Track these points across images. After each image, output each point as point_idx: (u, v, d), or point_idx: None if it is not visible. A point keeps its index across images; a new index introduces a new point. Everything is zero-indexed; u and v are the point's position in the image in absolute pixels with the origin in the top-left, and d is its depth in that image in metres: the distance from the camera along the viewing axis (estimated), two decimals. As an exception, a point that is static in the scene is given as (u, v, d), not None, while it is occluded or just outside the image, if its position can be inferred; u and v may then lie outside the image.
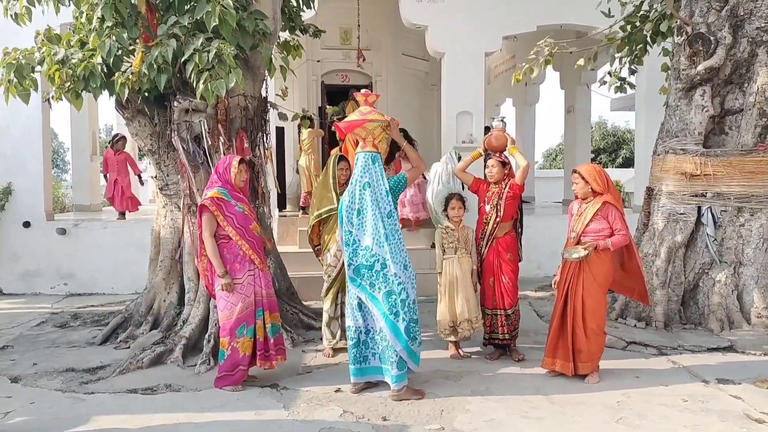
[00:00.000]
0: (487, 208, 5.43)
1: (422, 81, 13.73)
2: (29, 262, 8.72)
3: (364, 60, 10.13)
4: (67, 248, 8.74)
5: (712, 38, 6.42)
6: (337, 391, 4.70)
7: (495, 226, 5.38)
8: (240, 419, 4.21)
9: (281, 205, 10.70)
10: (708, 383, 4.92)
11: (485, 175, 5.63)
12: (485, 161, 5.73)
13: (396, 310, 4.44)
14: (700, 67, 6.43)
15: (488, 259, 5.45)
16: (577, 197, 5.09)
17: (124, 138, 10.20)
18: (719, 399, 4.57)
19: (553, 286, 5.17)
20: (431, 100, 13.13)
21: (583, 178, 4.95)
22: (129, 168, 10.32)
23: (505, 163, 5.48)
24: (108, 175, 10.26)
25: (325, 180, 5.62)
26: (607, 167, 30.87)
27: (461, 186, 7.82)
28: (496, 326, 5.45)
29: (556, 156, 33.91)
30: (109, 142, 10.81)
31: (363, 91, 4.73)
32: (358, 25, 10.16)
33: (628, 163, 28.50)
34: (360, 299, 4.55)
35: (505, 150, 5.52)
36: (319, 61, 12.23)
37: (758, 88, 6.32)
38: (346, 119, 4.75)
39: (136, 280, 8.00)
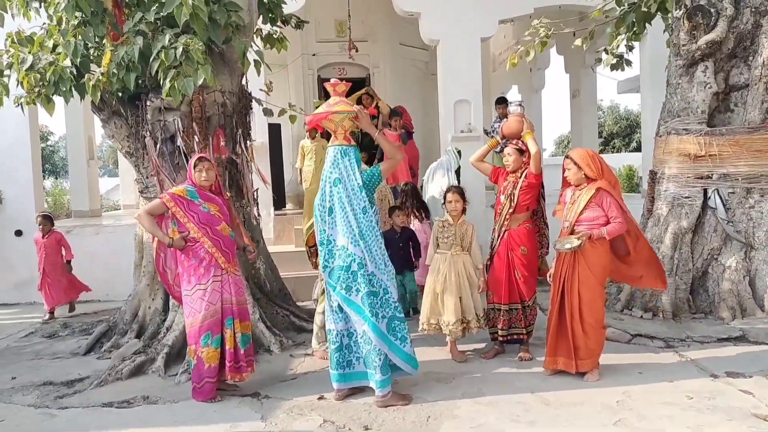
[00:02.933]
0: (502, 198, 5.16)
1: (422, 71, 13.44)
2: (23, 271, 8.58)
3: (357, 51, 9.86)
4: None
5: (712, 10, 6.05)
6: (320, 398, 4.46)
7: (508, 216, 5.10)
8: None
9: (281, 204, 10.51)
10: (716, 378, 4.62)
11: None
12: (503, 149, 5.38)
13: (376, 311, 4.20)
14: (701, 42, 6.07)
15: (499, 252, 5.15)
16: (570, 184, 4.79)
17: (48, 217, 7.99)
18: (727, 395, 4.26)
19: (548, 279, 4.90)
20: (432, 89, 12.78)
21: (575, 163, 4.66)
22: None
23: (522, 151, 5.14)
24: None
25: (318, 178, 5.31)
26: (620, 152, 30.36)
27: (457, 181, 7.56)
28: (515, 320, 5.16)
29: (569, 142, 33.38)
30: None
31: (332, 80, 4.46)
32: (349, 16, 9.88)
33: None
34: (339, 301, 4.31)
35: (521, 136, 5.16)
36: (314, 54, 11.99)
37: (764, 61, 5.94)
38: (314, 112, 4.49)
39: (131, 286, 7.82)
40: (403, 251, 6.46)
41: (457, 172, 7.67)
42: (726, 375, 4.65)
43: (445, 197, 5.26)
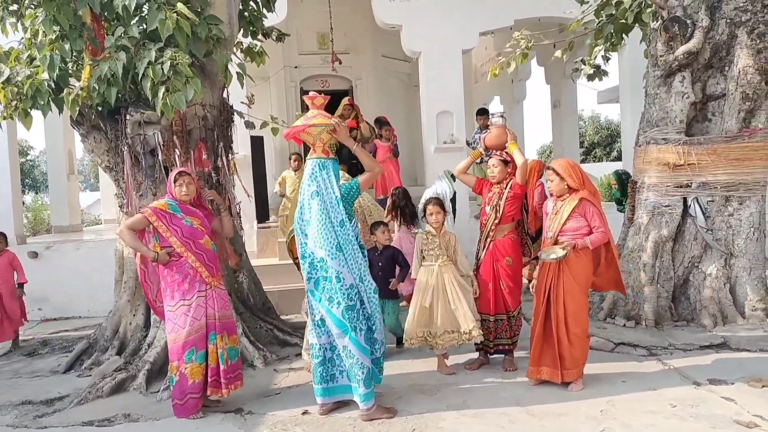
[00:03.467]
0: (487, 209, 5.16)
1: (405, 82, 13.51)
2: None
3: (340, 63, 9.87)
4: (40, 272, 8.44)
5: (688, 21, 6.15)
6: (305, 413, 4.42)
7: (493, 227, 5.10)
8: (196, 450, 3.94)
9: (264, 217, 10.46)
10: (699, 385, 4.64)
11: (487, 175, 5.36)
12: (483, 160, 5.42)
13: (354, 325, 4.18)
14: (678, 52, 6.15)
15: (485, 263, 5.15)
16: (551, 195, 4.81)
17: (1, 234, 7.26)
18: (710, 402, 4.29)
19: (531, 290, 4.91)
20: (415, 100, 12.86)
21: (558, 174, 4.68)
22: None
23: (507, 162, 5.16)
24: None
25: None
26: (601, 161, 30.67)
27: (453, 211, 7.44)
28: (500, 331, 5.16)
29: (551, 152, 33.69)
30: None
31: (311, 93, 4.46)
32: (331, 29, 9.91)
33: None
34: (321, 315, 4.28)
35: (505, 147, 5.18)
36: (296, 67, 12.02)
37: (740, 71, 6.04)
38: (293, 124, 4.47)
39: (112, 302, 7.73)
40: (383, 273, 5.58)
41: (453, 201, 7.49)
42: (708, 382, 4.67)
43: (425, 210, 5.24)
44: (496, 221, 5.09)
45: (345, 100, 8.63)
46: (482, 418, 4.18)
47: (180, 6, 4.81)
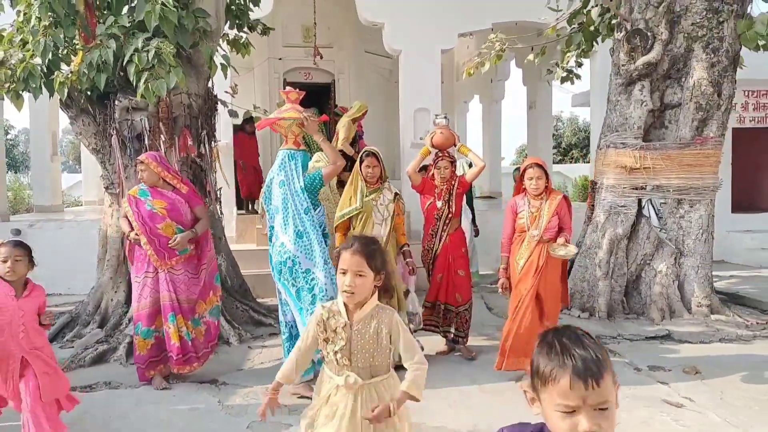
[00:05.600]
0: (439, 204, 5.35)
1: (386, 78, 13.81)
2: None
3: (321, 58, 10.17)
4: (22, 249, 8.67)
5: (649, 34, 6.56)
6: (275, 385, 4.75)
7: (447, 221, 5.36)
8: (173, 413, 4.26)
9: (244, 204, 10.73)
10: (640, 371, 5.06)
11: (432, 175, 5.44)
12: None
13: (307, 307, 4.40)
14: (638, 63, 6.57)
15: (442, 255, 5.38)
16: (523, 193, 4.84)
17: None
18: (646, 385, 4.71)
19: (501, 291, 4.95)
20: (395, 96, 13.18)
21: (545, 172, 4.72)
22: None
23: (453, 161, 5.44)
24: None
25: (354, 178, 5.19)
26: (578, 162, 31.25)
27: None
28: (450, 321, 5.41)
29: (526, 153, 34.26)
30: None
31: (286, 89, 4.76)
32: (315, 23, 10.20)
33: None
34: (284, 295, 4.57)
35: (450, 147, 5.43)
36: (281, 58, 12.25)
37: (694, 83, 6.48)
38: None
39: (91, 281, 7.96)
40: None
41: (470, 204, 7.91)
42: (648, 369, 5.10)
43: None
44: (450, 215, 5.34)
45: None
46: (440, 395, 4.53)
47: None
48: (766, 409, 4.25)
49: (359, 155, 5.29)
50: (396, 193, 5.19)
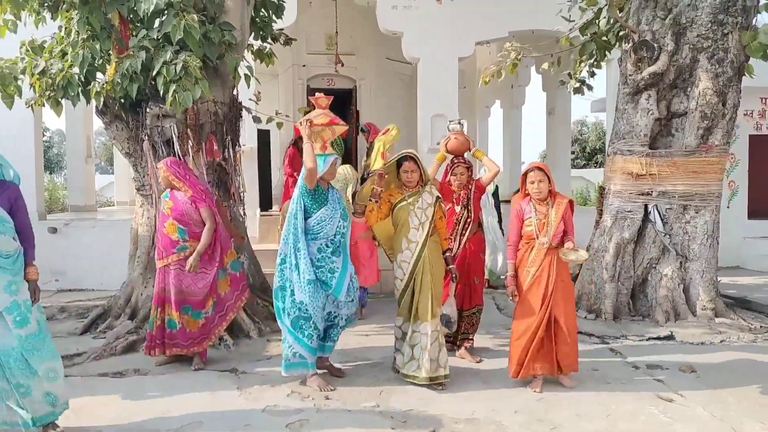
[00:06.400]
0: (458, 209, 5.43)
1: (407, 84, 14.10)
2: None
3: (342, 65, 10.53)
4: (58, 246, 9.16)
5: (655, 45, 6.78)
6: (290, 374, 5.10)
7: (467, 225, 5.43)
8: (196, 398, 4.62)
9: (267, 205, 11.13)
10: (637, 369, 5.29)
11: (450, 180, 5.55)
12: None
13: (284, 307, 4.92)
14: (645, 73, 6.79)
15: (459, 260, 5.37)
16: (527, 198, 4.80)
17: None
18: (642, 382, 4.93)
19: (511, 298, 4.87)
20: (416, 102, 13.47)
21: (549, 177, 4.71)
22: None
23: (469, 167, 5.55)
24: None
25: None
26: (602, 166, 31.22)
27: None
28: (468, 326, 5.55)
29: (545, 158, 34.27)
30: None
31: (316, 95, 5.09)
32: (336, 32, 10.56)
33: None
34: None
35: (465, 152, 5.57)
36: (304, 65, 12.66)
37: (700, 92, 6.68)
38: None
39: (123, 277, 8.40)
40: None
41: (496, 197, 8.21)
42: (646, 367, 5.32)
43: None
44: (470, 219, 5.48)
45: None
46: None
47: (190, 15, 5.43)
48: (758, 406, 4.42)
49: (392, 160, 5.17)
50: (438, 197, 5.00)
